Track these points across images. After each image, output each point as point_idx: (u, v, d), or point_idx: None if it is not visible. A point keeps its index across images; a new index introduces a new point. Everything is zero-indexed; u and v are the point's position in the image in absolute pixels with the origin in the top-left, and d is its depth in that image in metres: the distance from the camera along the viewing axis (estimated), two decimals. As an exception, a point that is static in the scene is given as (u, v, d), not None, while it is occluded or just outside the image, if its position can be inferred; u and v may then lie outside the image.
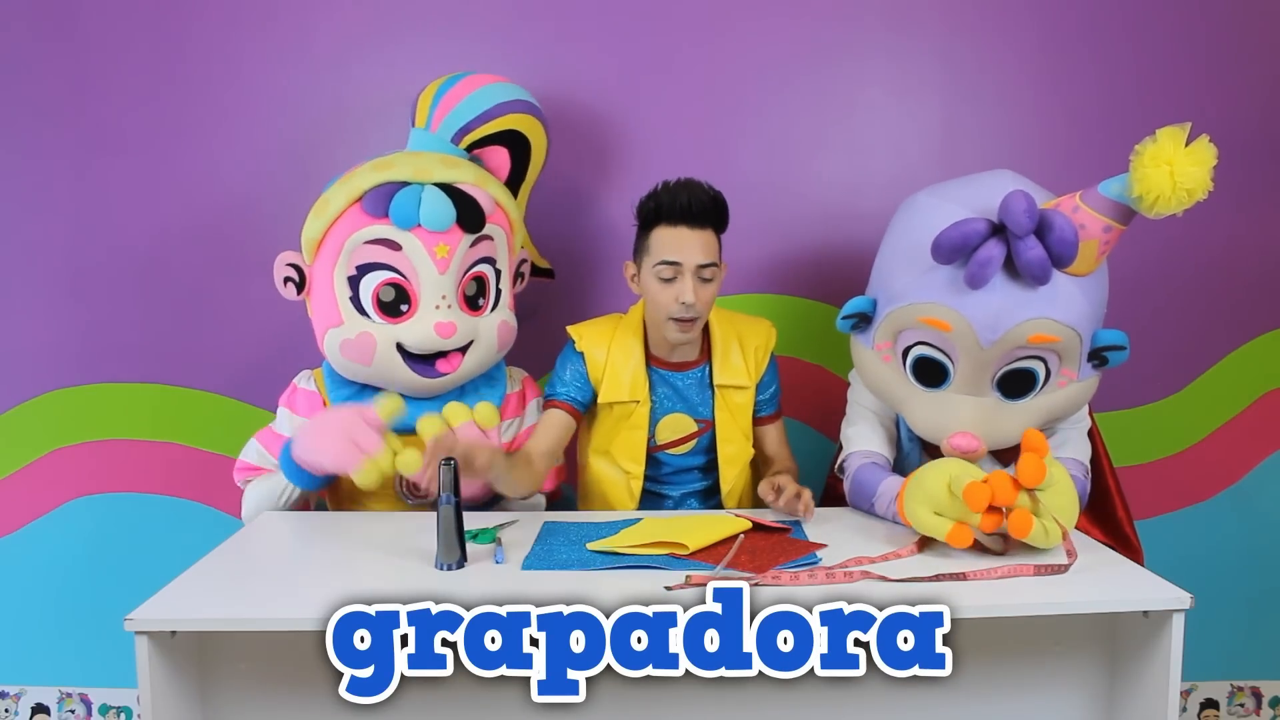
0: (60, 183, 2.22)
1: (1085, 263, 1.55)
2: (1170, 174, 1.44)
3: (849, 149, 2.22)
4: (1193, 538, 2.31)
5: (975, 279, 1.51)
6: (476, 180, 1.81)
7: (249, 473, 1.88)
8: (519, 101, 1.91)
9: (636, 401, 1.86)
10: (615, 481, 1.89)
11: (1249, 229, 2.24)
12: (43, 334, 2.26)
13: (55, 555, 2.31)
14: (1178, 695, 1.30)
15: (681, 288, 1.73)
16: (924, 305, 1.58)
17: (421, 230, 1.73)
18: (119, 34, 2.18)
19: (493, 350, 1.86)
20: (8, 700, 2.36)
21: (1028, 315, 1.53)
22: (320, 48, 2.19)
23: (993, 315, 1.53)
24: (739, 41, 2.19)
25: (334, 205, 1.76)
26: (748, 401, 1.90)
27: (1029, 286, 1.52)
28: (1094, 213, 1.53)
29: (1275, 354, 2.28)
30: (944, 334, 1.58)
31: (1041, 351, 1.59)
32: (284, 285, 1.83)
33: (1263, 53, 2.20)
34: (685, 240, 1.73)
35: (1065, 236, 1.48)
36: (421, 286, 1.76)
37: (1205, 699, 2.36)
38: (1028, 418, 1.64)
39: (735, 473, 1.91)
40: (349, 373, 1.83)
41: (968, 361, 1.60)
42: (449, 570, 1.43)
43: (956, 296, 1.55)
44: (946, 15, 2.19)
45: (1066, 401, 1.66)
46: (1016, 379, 1.61)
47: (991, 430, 1.63)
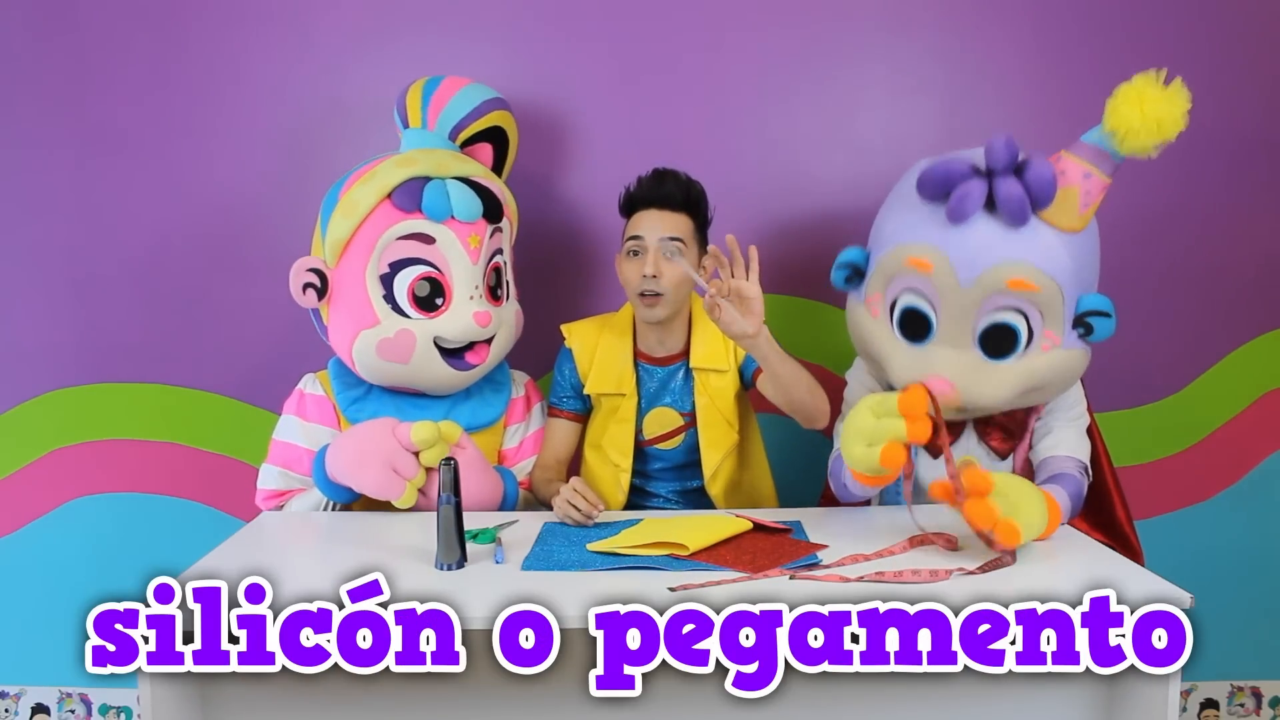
0: (61, 182, 2.22)
1: (1067, 212, 1.57)
2: (1140, 107, 1.49)
3: (848, 149, 2.22)
4: (1193, 538, 2.31)
5: (955, 213, 1.56)
6: (484, 174, 1.85)
7: (277, 499, 1.85)
8: (498, 99, 1.94)
9: (623, 394, 1.89)
10: (606, 474, 1.92)
11: (1249, 229, 2.24)
12: (43, 334, 2.26)
13: (55, 555, 2.31)
14: (1178, 695, 1.30)
15: (645, 262, 1.79)
16: (908, 245, 1.63)
17: (454, 222, 1.76)
18: (120, 34, 2.18)
19: (511, 338, 1.91)
20: (8, 700, 2.36)
21: (1007, 256, 1.56)
22: (322, 47, 2.19)
23: (972, 252, 1.57)
24: (739, 41, 2.20)
25: (364, 203, 1.75)
26: (728, 386, 1.90)
27: (1010, 228, 1.56)
28: (1073, 158, 1.57)
29: (1275, 354, 2.28)
30: (926, 277, 1.61)
31: (1021, 302, 1.59)
32: (303, 292, 1.78)
33: (1263, 53, 2.20)
34: (652, 219, 1.82)
35: (1042, 175, 1.53)
36: (455, 278, 1.78)
37: (1205, 699, 2.37)
38: (1010, 379, 1.63)
39: (718, 458, 1.90)
40: (381, 374, 1.81)
41: (948, 309, 1.61)
42: (449, 570, 1.43)
43: (939, 234, 1.59)
44: (946, 15, 2.19)
45: (1050, 369, 1.64)
46: (998, 335, 1.62)
47: (970, 386, 1.62)
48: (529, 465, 1.94)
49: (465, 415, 1.87)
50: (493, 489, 1.81)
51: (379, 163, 1.80)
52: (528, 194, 2.13)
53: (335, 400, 1.85)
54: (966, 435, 1.79)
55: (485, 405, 1.90)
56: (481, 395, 1.91)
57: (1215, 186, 2.24)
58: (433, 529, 1.45)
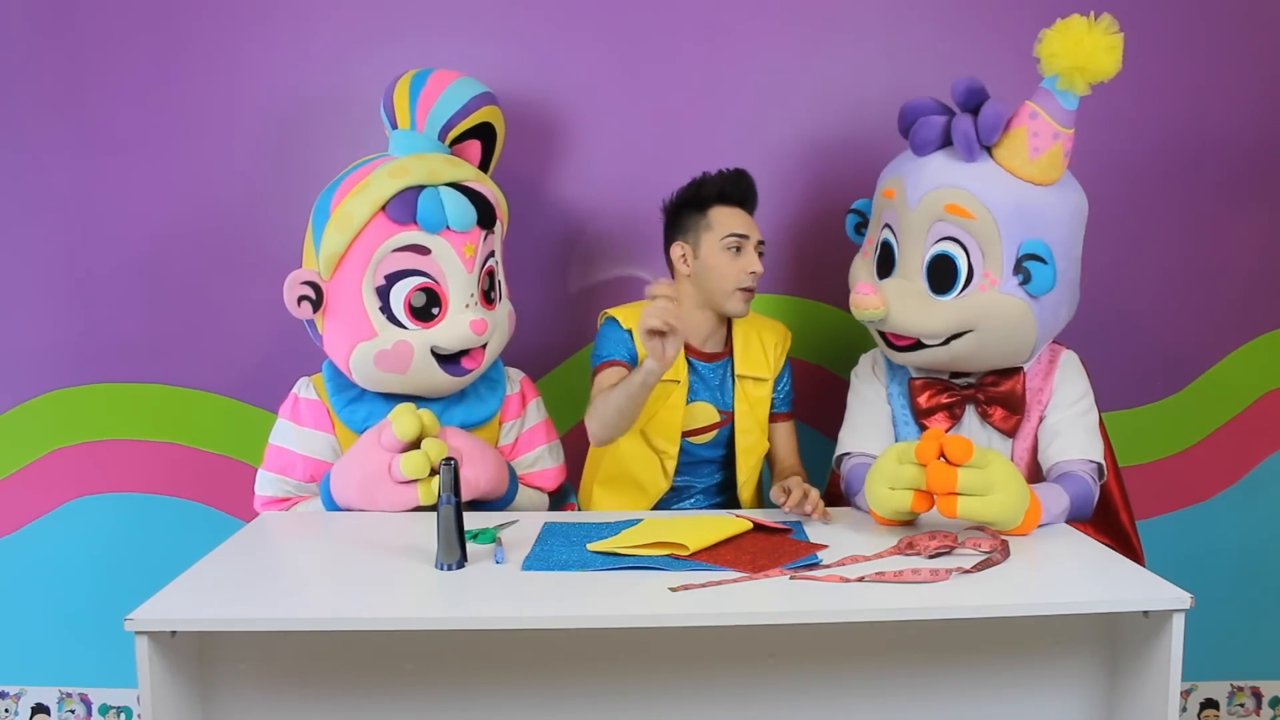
0: (60, 182, 2.22)
1: (1017, 154, 1.66)
2: (1065, 33, 1.62)
3: (849, 149, 2.22)
4: (1193, 538, 2.31)
5: (916, 141, 1.75)
6: (476, 177, 1.84)
7: (275, 505, 1.85)
8: (487, 94, 1.92)
9: (676, 381, 1.89)
10: (648, 461, 1.91)
11: (1249, 229, 2.24)
12: (43, 334, 2.26)
13: (55, 555, 2.31)
14: (1178, 695, 1.30)
15: (749, 259, 1.86)
16: (884, 180, 1.83)
17: (450, 232, 1.76)
18: (119, 33, 2.18)
19: (504, 339, 1.91)
20: (8, 700, 2.36)
21: (949, 182, 1.69)
22: (320, 46, 2.19)
23: (923, 177, 1.72)
24: (739, 41, 2.20)
25: (358, 216, 1.73)
26: (765, 395, 1.95)
27: (960, 160, 1.69)
28: (1027, 102, 1.68)
29: (1275, 354, 2.28)
30: (891, 204, 1.77)
31: (959, 232, 1.69)
32: (298, 305, 1.78)
33: (1263, 53, 2.20)
34: (740, 218, 1.89)
35: (991, 112, 1.65)
36: (451, 288, 1.78)
37: (1205, 699, 2.37)
38: (944, 312, 1.71)
39: (751, 464, 1.95)
40: (378, 384, 1.81)
41: (903, 234, 1.75)
42: (449, 570, 1.43)
43: (905, 164, 1.78)
44: (947, 15, 2.19)
45: (983, 310, 1.69)
46: (940, 267, 1.72)
47: (907, 310, 1.72)
48: (526, 460, 1.94)
49: (460, 413, 1.87)
50: (497, 466, 1.81)
51: (370, 171, 1.78)
52: (522, 190, 2.13)
53: (330, 403, 1.85)
54: (969, 417, 1.81)
55: (480, 402, 1.90)
56: (476, 393, 1.91)
57: (1215, 187, 2.24)
58: (433, 529, 1.45)
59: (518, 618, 1.28)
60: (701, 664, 1.46)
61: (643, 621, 1.31)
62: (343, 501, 1.77)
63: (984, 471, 1.46)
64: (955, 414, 1.80)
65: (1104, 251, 2.22)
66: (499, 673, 1.45)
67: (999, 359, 1.76)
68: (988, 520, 1.48)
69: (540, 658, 1.44)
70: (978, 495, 1.46)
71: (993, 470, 1.47)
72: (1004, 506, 1.47)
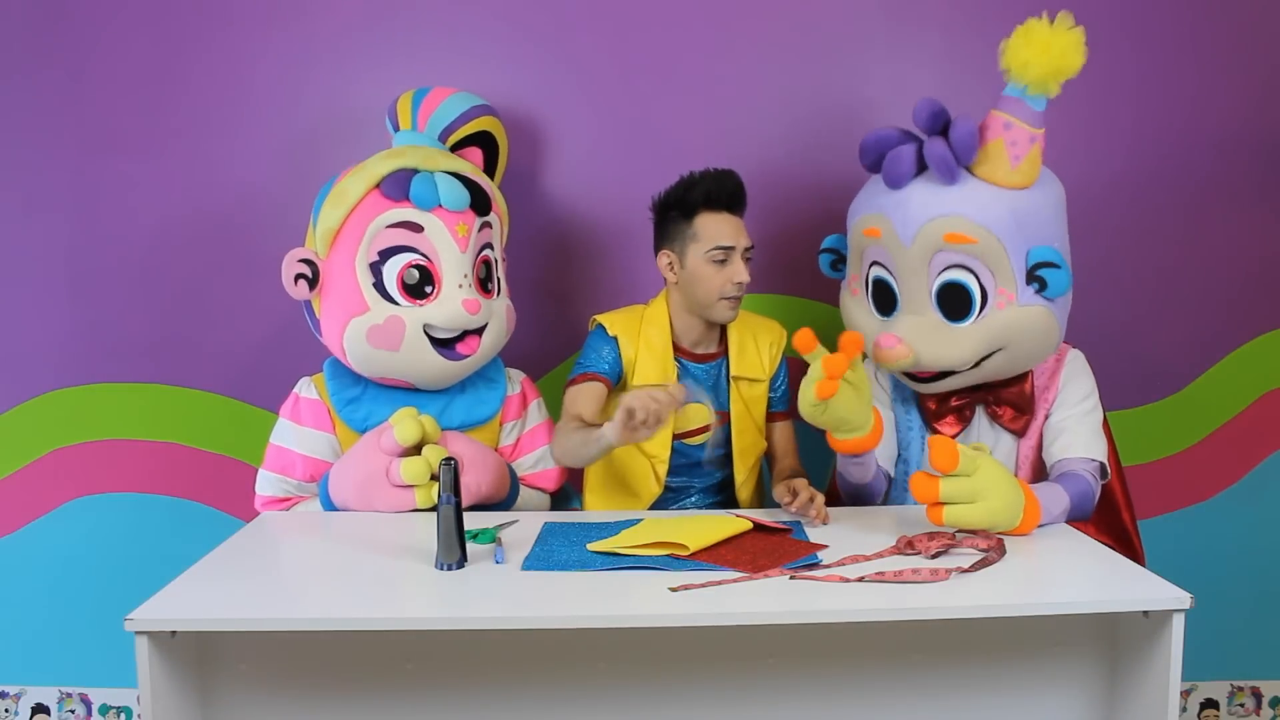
0: (60, 182, 2.22)
1: (999, 166, 1.63)
2: (1027, 37, 1.60)
3: (848, 148, 2.21)
4: (1193, 538, 2.31)
5: (890, 176, 1.68)
6: (473, 171, 1.87)
7: (275, 505, 1.85)
8: (485, 105, 1.98)
9: (666, 386, 1.88)
10: (639, 467, 1.90)
11: (1249, 229, 2.24)
12: (43, 334, 2.26)
13: (55, 555, 2.31)
14: (1178, 695, 1.30)
15: (735, 269, 1.83)
16: (861, 218, 1.76)
17: (442, 210, 1.78)
18: (119, 33, 2.18)
19: (503, 333, 1.91)
20: (8, 700, 2.36)
21: (940, 212, 1.64)
22: (321, 48, 2.19)
23: (910, 212, 1.66)
24: (739, 41, 2.20)
25: (353, 193, 1.77)
26: (761, 395, 1.94)
27: (941, 185, 1.64)
28: (994, 112, 1.65)
29: (1275, 354, 2.28)
30: (879, 244, 1.72)
31: (964, 258, 1.65)
32: (294, 283, 1.80)
33: (1263, 53, 2.20)
34: (732, 225, 1.84)
35: (963, 131, 1.61)
36: (444, 266, 1.79)
37: (1205, 699, 2.37)
38: (970, 339, 1.68)
39: (749, 464, 1.94)
40: (372, 363, 1.81)
41: (901, 272, 1.70)
42: (449, 570, 1.43)
43: (883, 200, 1.71)
44: (947, 15, 2.19)
45: (1008, 327, 1.67)
46: (952, 295, 1.68)
47: (931, 347, 1.68)
48: (528, 461, 1.94)
49: (460, 412, 1.88)
50: (498, 472, 1.82)
51: (368, 159, 1.83)
52: (524, 195, 2.13)
53: (330, 402, 1.85)
54: (977, 419, 1.81)
55: (480, 402, 1.91)
56: (476, 392, 1.91)
57: (1215, 187, 2.24)
58: (433, 529, 1.45)
59: (518, 618, 1.29)
60: (701, 664, 1.46)
61: (643, 621, 1.31)
62: (340, 502, 1.77)
63: (970, 479, 1.46)
64: (965, 416, 1.80)
65: (1104, 252, 2.22)
66: (499, 673, 1.45)
67: (1027, 365, 1.76)
68: (977, 527, 1.48)
69: (540, 658, 1.45)
70: (964, 503, 1.46)
71: (979, 477, 1.47)
72: (992, 512, 1.47)
